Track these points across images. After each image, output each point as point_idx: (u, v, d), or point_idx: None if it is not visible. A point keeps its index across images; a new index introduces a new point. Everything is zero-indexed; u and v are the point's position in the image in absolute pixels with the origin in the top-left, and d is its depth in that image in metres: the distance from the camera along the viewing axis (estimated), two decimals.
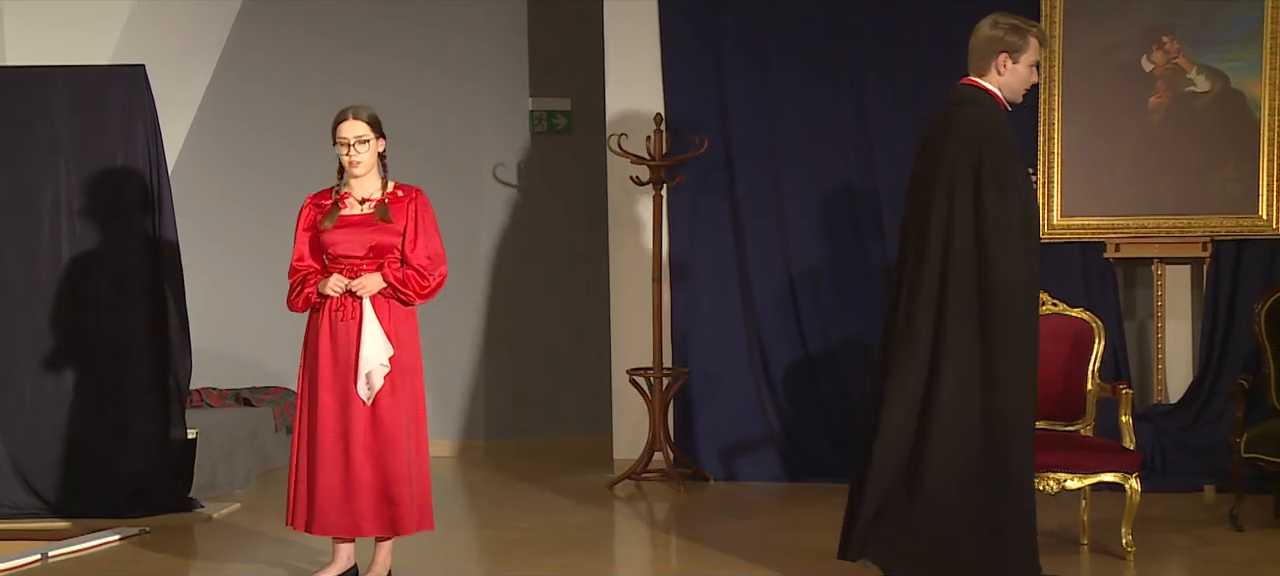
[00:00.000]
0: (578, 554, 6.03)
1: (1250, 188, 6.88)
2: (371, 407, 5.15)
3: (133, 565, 5.91)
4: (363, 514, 5.18)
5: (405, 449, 5.18)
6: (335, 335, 5.17)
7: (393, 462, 5.17)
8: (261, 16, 8.40)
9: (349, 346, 5.15)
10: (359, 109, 5.23)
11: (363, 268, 5.16)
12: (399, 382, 5.19)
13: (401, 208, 5.20)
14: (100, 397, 6.75)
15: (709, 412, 7.56)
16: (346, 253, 5.17)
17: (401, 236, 5.20)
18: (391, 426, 5.17)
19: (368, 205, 5.20)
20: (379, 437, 5.16)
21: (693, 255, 7.59)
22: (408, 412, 5.21)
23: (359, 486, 5.17)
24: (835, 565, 5.73)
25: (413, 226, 5.21)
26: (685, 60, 7.57)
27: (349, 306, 5.15)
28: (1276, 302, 6.43)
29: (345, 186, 5.23)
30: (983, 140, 4.94)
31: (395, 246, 5.19)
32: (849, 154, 7.40)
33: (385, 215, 5.16)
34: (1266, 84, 6.86)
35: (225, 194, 8.41)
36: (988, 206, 4.87)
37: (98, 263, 6.78)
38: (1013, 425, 4.89)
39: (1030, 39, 5.05)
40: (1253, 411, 6.36)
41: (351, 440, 5.15)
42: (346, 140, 5.16)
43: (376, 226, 5.16)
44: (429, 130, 8.38)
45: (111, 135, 6.77)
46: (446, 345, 8.34)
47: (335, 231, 5.17)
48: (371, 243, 5.16)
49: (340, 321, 5.17)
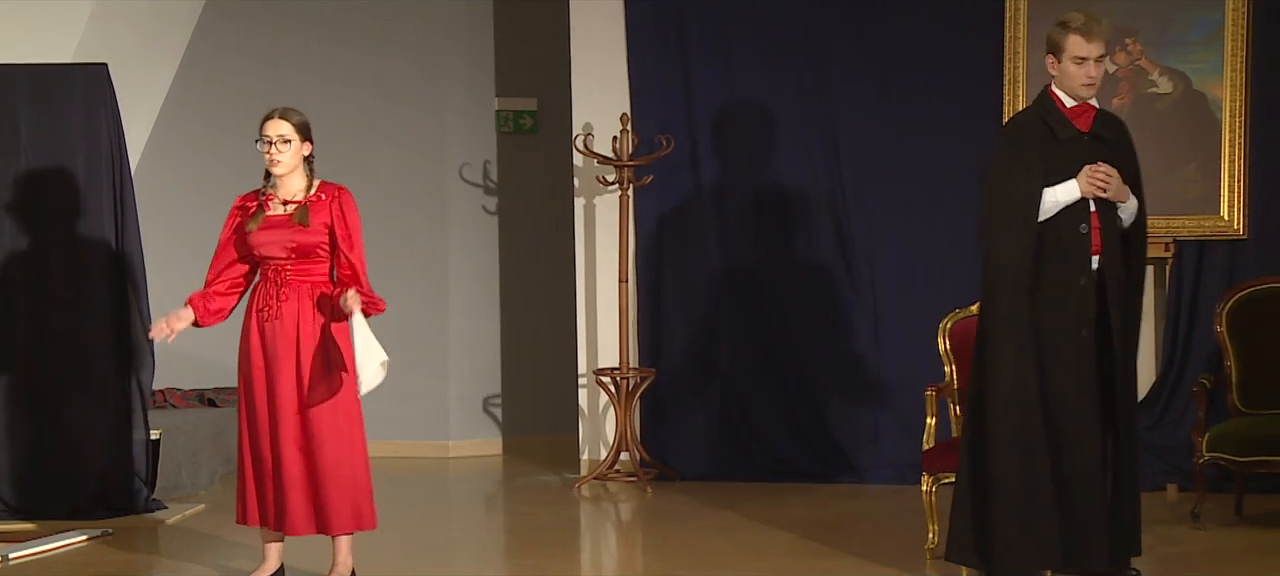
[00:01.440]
0: (544, 554, 6.02)
1: (1212, 188, 6.93)
2: (300, 408, 5.20)
3: (96, 566, 5.87)
4: (294, 512, 5.22)
5: (334, 448, 5.22)
6: (264, 334, 5.24)
7: (322, 461, 5.21)
8: (225, 15, 8.35)
9: (275, 344, 5.20)
10: (288, 111, 5.29)
11: (287, 269, 5.22)
12: (310, 388, 5.22)
13: (322, 209, 5.25)
14: (62, 398, 6.70)
15: (676, 412, 7.56)
16: (271, 254, 5.25)
17: (326, 235, 5.25)
18: (319, 426, 5.21)
19: (290, 206, 5.27)
20: (308, 437, 5.21)
21: (659, 255, 7.60)
22: (341, 413, 5.24)
23: (290, 485, 5.21)
24: (802, 564, 5.75)
25: (341, 226, 5.26)
26: (652, 60, 7.57)
27: (272, 307, 5.22)
28: (1238, 303, 6.48)
29: (271, 187, 5.29)
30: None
31: (318, 247, 5.24)
32: (815, 154, 7.42)
33: (303, 218, 5.23)
34: (1228, 86, 6.92)
35: (188, 193, 8.36)
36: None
37: (59, 262, 6.73)
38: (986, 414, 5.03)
39: (1068, 35, 5.02)
40: (1214, 411, 6.42)
41: (282, 439, 5.21)
42: (269, 137, 5.24)
43: (293, 228, 5.23)
44: (395, 130, 8.36)
45: (73, 134, 6.73)
46: (412, 346, 8.32)
47: (259, 233, 5.25)
48: (292, 244, 5.23)
49: (267, 321, 5.23)
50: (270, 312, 5.22)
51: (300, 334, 5.21)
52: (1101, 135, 5.09)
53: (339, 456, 5.22)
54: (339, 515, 5.25)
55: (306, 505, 5.23)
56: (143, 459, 6.79)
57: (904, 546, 5.82)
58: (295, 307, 5.22)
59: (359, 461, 5.27)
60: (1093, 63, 5.00)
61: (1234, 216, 6.90)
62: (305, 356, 5.20)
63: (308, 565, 5.52)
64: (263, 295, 5.26)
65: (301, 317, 5.22)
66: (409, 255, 8.36)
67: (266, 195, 5.28)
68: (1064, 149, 5.04)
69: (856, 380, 7.36)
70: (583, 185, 7.75)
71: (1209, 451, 6.13)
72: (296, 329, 5.22)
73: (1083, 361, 4.98)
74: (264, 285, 5.28)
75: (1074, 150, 5.04)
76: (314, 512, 5.24)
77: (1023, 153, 5.04)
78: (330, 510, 5.23)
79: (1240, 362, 6.43)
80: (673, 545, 6.14)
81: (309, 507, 5.23)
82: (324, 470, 5.22)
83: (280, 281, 5.24)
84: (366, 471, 5.30)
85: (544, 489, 7.40)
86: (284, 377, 5.21)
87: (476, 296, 8.46)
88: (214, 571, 5.77)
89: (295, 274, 5.24)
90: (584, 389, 7.77)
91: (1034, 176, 4.99)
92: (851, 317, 7.37)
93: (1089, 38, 4.99)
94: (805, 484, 7.27)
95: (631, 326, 7.52)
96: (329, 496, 5.22)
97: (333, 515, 5.24)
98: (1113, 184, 4.99)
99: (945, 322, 6.03)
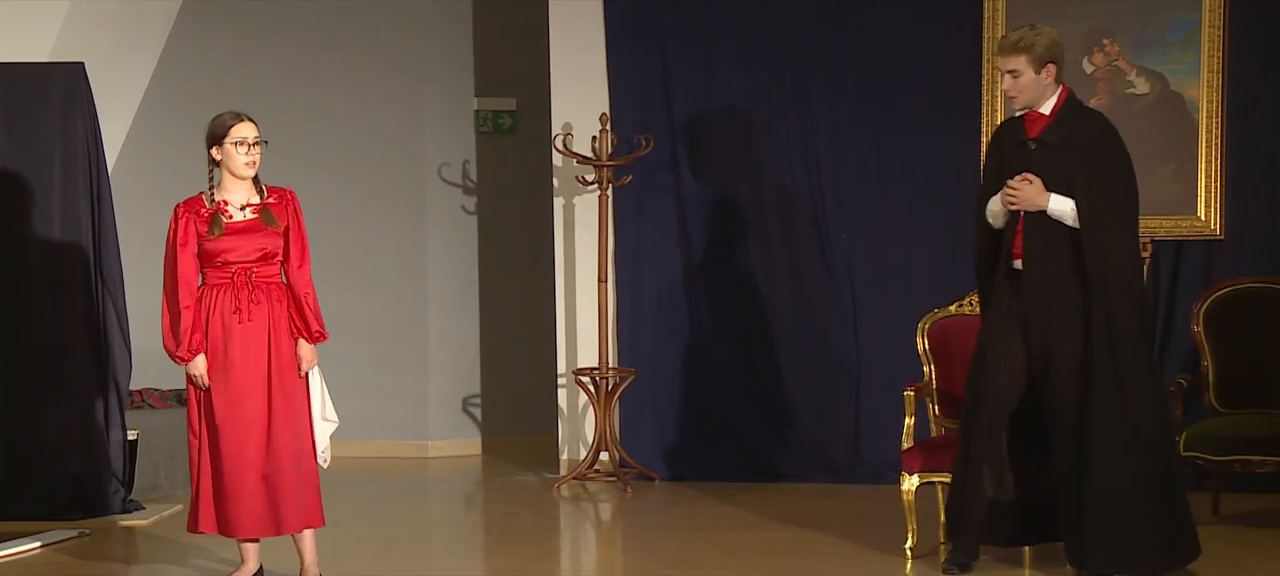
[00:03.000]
0: (524, 554, 6.02)
1: (1189, 189, 6.96)
2: (261, 411, 5.21)
3: (70, 568, 5.84)
4: (282, 511, 5.25)
5: (305, 444, 5.26)
6: (234, 337, 5.22)
7: (296, 459, 5.25)
8: (202, 15, 8.32)
9: (247, 346, 5.20)
10: (246, 112, 5.32)
11: (253, 271, 5.22)
12: (283, 384, 5.23)
13: (282, 210, 5.30)
14: (38, 398, 6.67)
15: (655, 412, 7.56)
16: (240, 259, 5.24)
17: (283, 238, 5.27)
18: (298, 424, 5.24)
19: (249, 210, 5.26)
20: (285, 436, 5.23)
21: (639, 255, 7.59)
22: (305, 412, 5.28)
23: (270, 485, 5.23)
24: (782, 564, 5.75)
25: (296, 226, 5.30)
26: (631, 60, 7.57)
27: (245, 309, 5.21)
28: (1215, 302, 6.51)
29: (219, 194, 5.26)
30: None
31: (279, 249, 5.26)
32: (795, 154, 7.42)
33: (271, 219, 5.26)
34: (1204, 87, 6.94)
35: (165, 192, 8.25)
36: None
37: (36, 261, 6.70)
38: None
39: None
40: (1191, 410, 6.44)
41: (268, 439, 5.22)
42: (247, 140, 5.25)
43: (264, 231, 5.24)
44: (373, 130, 8.33)
45: (50, 133, 6.70)
46: (391, 346, 8.30)
47: (225, 239, 5.22)
48: (261, 247, 5.24)
49: (240, 323, 5.22)
50: (243, 315, 5.21)
51: (272, 335, 5.24)
52: (1047, 141, 5.32)
53: (304, 451, 5.28)
54: (312, 510, 5.28)
55: (289, 503, 5.24)
56: (120, 459, 6.77)
57: (883, 546, 5.83)
58: (267, 310, 5.24)
59: (314, 458, 5.33)
60: (1007, 76, 5.33)
61: (1211, 217, 6.93)
62: (278, 357, 5.23)
63: (285, 567, 5.50)
64: (227, 299, 5.23)
65: (273, 318, 5.25)
66: (388, 255, 8.35)
67: (218, 202, 5.26)
68: (1010, 156, 5.38)
69: (836, 380, 7.36)
70: (562, 185, 7.74)
71: (1186, 451, 6.15)
72: (268, 329, 5.23)
73: (1009, 361, 5.31)
74: (228, 289, 5.24)
75: (1018, 157, 5.36)
76: (291, 510, 5.25)
77: (989, 162, 5.54)
78: (305, 506, 5.26)
79: (1217, 362, 6.46)
80: (652, 545, 6.14)
81: (292, 505, 5.24)
82: (297, 468, 5.24)
83: (250, 284, 5.23)
84: (316, 470, 5.36)
85: (523, 489, 7.40)
86: (255, 378, 5.21)
87: (456, 296, 8.44)
88: (192, 572, 5.75)
89: (262, 276, 5.25)
90: (563, 389, 7.76)
91: (988, 186, 5.45)
92: (831, 317, 7.38)
93: (1000, 54, 5.40)
94: (785, 484, 7.28)
95: (611, 326, 7.52)
96: (304, 493, 5.25)
97: (308, 511, 5.27)
98: (1020, 195, 5.26)
99: (924, 322, 6.04)
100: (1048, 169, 5.26)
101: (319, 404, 5.33)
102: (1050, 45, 5.29)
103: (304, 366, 5.27)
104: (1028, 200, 5.25)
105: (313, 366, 5.30)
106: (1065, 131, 5.30)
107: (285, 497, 5.23)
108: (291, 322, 5.27)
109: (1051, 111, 5.33)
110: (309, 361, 5.28)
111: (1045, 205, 5.24)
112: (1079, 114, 5.38)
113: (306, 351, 5.27)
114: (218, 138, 5.26)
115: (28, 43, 7.18)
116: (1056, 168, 5.25)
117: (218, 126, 5.27)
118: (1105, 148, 5.31)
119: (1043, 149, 5.30)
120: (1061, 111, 5.33)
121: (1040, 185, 5.24)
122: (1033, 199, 5.25)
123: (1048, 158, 5.28)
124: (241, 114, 5.31)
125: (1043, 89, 5.31)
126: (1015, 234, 5.31)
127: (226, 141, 5.25)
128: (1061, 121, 5.32)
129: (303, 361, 5.27)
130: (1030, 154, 5.31)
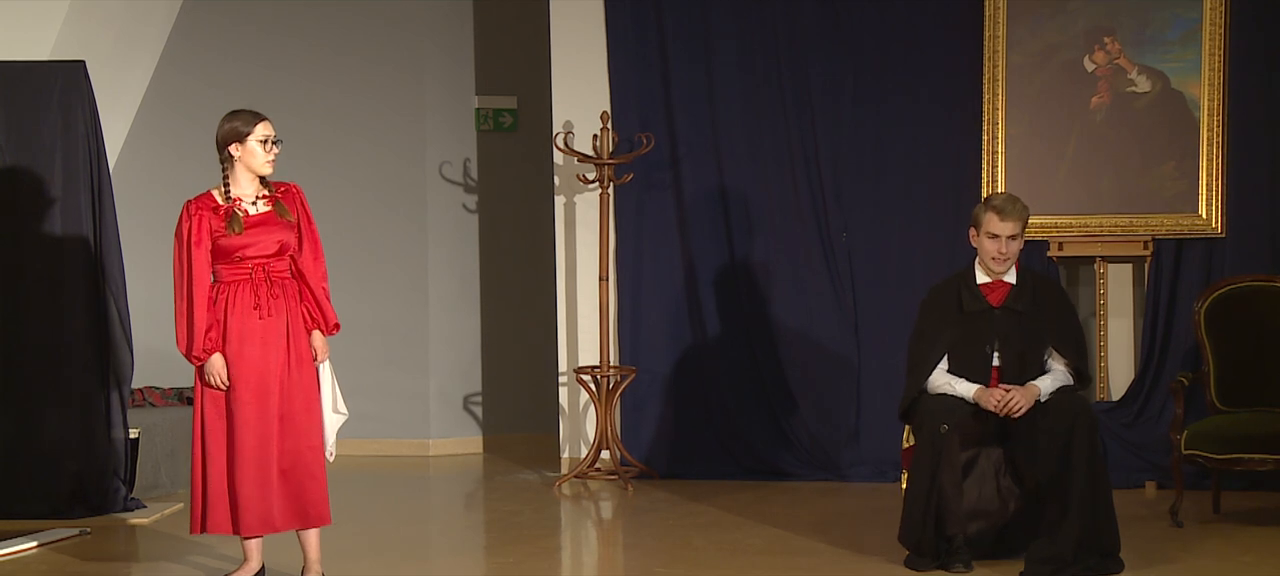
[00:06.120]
0: (524, 552, 6.02)
1: (1190, 187, 6.96)
2: (281, 407, 5.22)
3: (72, 567, 5.85)
4: (286, 508, 5.25)
5: (316, 439, 5.28)
6: (252, 332, 5.21)
7: (307, 454, 5.26)
8: (203, 13, 8.32)
9: (267, 340, 5.20)
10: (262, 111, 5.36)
11: (271, 266, 5.24)
12: (301, 378, 5.24)
13: (292, 202, 5.33)
14: (40, 397, 6.68)
15: (656, 411, 7.57)
16: (258, 254, 5.25)
17: (295, 231, 5.31)
18: (297, 422, 5.25)
19: (262, 204, 5.28)
20: (301, 429, 5.24)
21: (639, 253, 7.59)
22: (312, 407, 5.29)
23: (284, 480, 5.24)
24: (782, 562, 5.76)
25: (305, 218, 5.33)
26: (631, 59, 7.57)
27: (266, 304, 5.22)
28: (1216, 301, 6.51)
29: (231, 191, 5.28)
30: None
31: (293, 242, 5.29)
32: (795, 152, 7.42)
33: (284, 211, 5.29)
34: (1205, 84, 6.95)
35: (166, 190, 8.32)
36: None
37: (37, 260, 6.70)
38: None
39: (986, 212, 5.51)
40: (1192, 408, 6.45)
41: (283, 434, 5.22)
42: (269, 137, 5.28)
43: (279, 223, 5.27)
44: (374, 129, 8.34)
45: (51, 132, 6.70)
46: (392, 344, 8.31)
47: (246, 234, 5.23)
48: (279, 240, 5.27)
49: (262, 318, 5.23)
50: (264, 311, 5.23)
51: (290, 330, 5.25)
52: (1014, 308, 5.45)
53: (317, 445, 5.29)
54: (319, 508, 5.29)
55: (311, 497, 5.26)
56: (121, 458, 6.77)
57: (883, 544, 5.83)
58: (284, 305, 5.26)
59: (321, 458, 5.34)
60: (1005, 240, 5.39)
61: (1212, 215, 6.93)
62: (296, 351, 5.25)
63: (285, 566, 5.50)
64: (246, 296, 5.23)
65: (290, 312, 5.27)
66: (389, 253, 8.35)
67: (233, 199, 5.27)
68: (970, 321, 5.46)
69: (836, 378, 7.37)
70: (563, 183, 7.75)
71: (1187, 449, 6.15)
72: (286, 324, 5.25)
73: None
74: (246, 285, 5.24)
75: (981, 324, 5.46)
76: (313, 504, 5.27)
77: (932, 322, 5.53)
78: (314, 503, 5.27)
79: (1218, 360, 6.46)
80: (653, 543, 6.15)
81: (314, 499, 5.26)
82: (308, 463, 5.25)
83: (269, 280, 5.25)
84: (324, 467, 5.37)
85: (524, 487, 7.40)
86: (276, 373, 5.22)
87: (457, 295, 8.45)
88: (194, 570, 5.76)
89: (277, 271, 5.26)
90: (564, 387, 7.77)
91: (938, 344, 5.47)
92: (831, 315, 7.38)
93: (1003, 217, 5.39)
94: (785, 482, 7.28)
95: (612, 324, 7.52)
96: (315, 489, 5.26)
97: (316, 508, 5.28)
98: (1021, 405, 5.37)
99: None
100: (1017, 334, 5.45)
101: (330, 397, 5.34)
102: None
103: (320, 358, 5.30)
104: (1027, 405, 5.38)
105: (327, 358, 5.32)
106: (1029, 299, 5.48)
107: (307, 491, 5.24)
108: (306, 315, 5.28)
109: (1016, 279, 5.51)
110: (324, 353, 5.31)
111: (1037, 396, 5.40)
112: (1037, 282, 5.60)
113: (321, 343, 5.30)
114: (241, 136, 5.26)
115: (28, 41, 7.19)
116: (1027, 332, 5.45)
117: (241, 124, 5.27)
118: (1059, 311, 5.54)
119: (1010, 315, 5.46)
120: (1021, 280, 5.52)
121: (1029, 390, 5.37)
122: (1030, 400, 5.39)
123: (1018, 323, 5.46)
124: (260, 113, 5.33)
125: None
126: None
127: (251, 139, 5.25)
128: (1023, 289, 5.50)
129: (318, 353, 5.30)
130: (995, 319, 5.46)
